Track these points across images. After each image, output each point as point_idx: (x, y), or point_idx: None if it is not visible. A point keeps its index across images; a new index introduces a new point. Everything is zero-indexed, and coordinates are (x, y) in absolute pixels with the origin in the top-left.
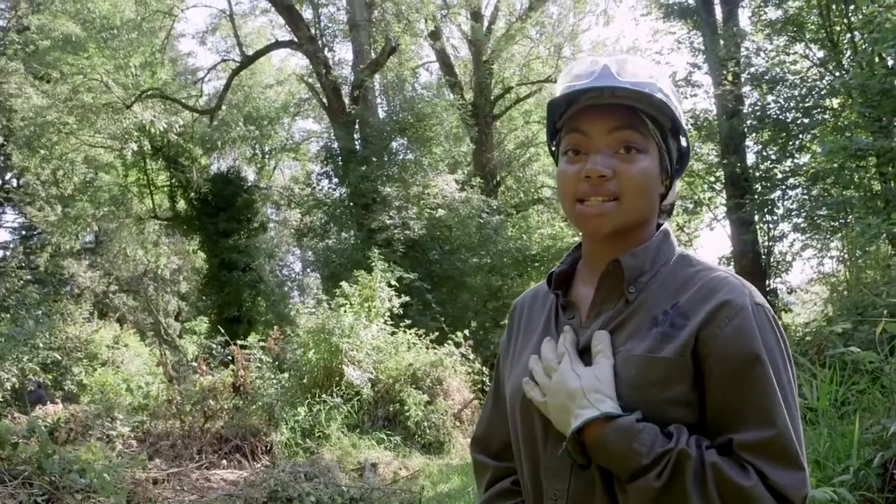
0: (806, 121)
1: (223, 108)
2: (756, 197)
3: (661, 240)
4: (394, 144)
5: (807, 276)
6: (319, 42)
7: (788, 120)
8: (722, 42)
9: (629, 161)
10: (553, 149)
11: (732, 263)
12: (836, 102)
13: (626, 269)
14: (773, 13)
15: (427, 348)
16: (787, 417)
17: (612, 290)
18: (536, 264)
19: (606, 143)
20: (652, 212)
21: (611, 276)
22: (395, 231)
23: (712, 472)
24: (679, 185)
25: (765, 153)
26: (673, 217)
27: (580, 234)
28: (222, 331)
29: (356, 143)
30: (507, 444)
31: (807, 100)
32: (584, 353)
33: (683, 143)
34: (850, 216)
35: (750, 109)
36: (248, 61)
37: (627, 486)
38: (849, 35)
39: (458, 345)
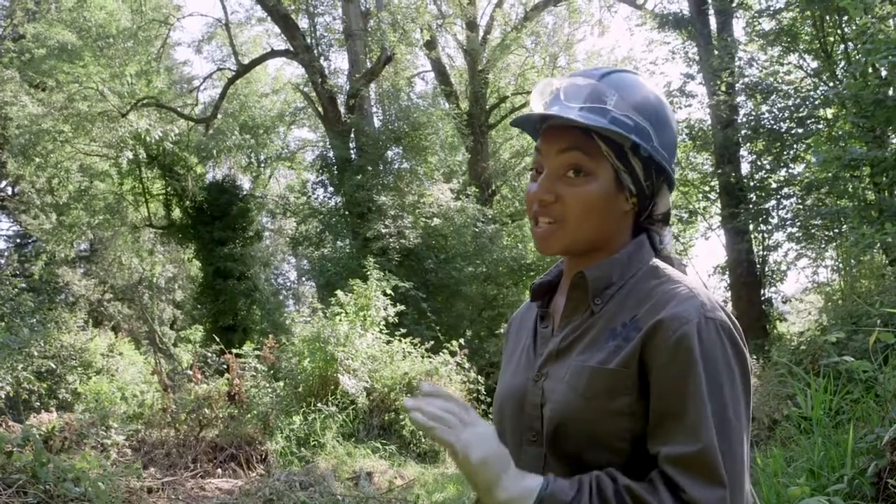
0: (800, 131)
1: (219, 116)
2: (751, 206)
3: (631, 251)
4: (389, 153)
5: (801, 286)
6: (315, 51)
7: (783, 130)
8: (716, 52)
9: (573, 185)
10: None
11: (727, 273)
12: (829, 113)
13: (589, 282)
14: (767, 24)
15: (422, 357)
16: (716, 433)
17: (580, 302)
18: (532, 273)
19: (556, 164)
20: (610, 231)
21: (578, 287)
22: (391, 240)
23: (627, 496)
24: (672, 194)
25: (759, 163)
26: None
27: None
28: (217, 339)
29: (351, 152)
30: None
31: (801, 110)
32: (549, 361)
33: (657, 157)
34: (845, 226)
35: (744, 119)
36: (243, 70)
37: None
38: (842, 46)
39: (453, 354)
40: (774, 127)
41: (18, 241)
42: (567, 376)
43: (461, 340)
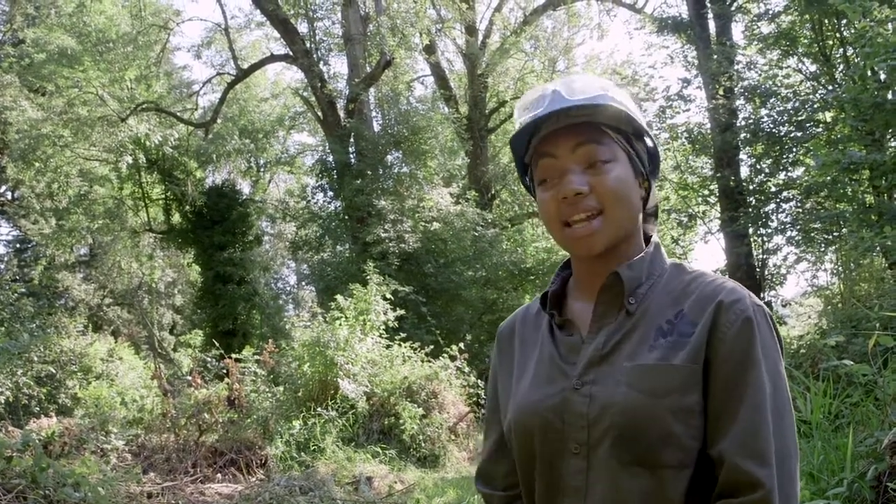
0: (799, 134)
1: (218, 121)
2: (750, 210)
3: (653, 252)
4: (389, 158)
5: (801, 289)
6: (314, 56)
7: (782, 133)
8: (715, 56)
9: (601, 173)
10: (528, 184)
11: (726, 276)
12: (828, 116)
13: (625, 281)
14: (766, 28)
15: (422, 361)
16: (773, 428)
17: (612, 304)
18: (531, 277)
19: (575, 161)
20: (637, 219)
21: (610, 289)
22: (391, 244)
23: None
24: (659, 189)
25: (758, 166)
26: (668, 230)
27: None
28: (217, 344)
29: (351, 156)
30: (511, 472)
31: (800, 113)
32: (592, 367)
33: (650, 143)
34: (844, 229)
35: (743, 123)
36: (243, 75)
37: None
38: (841, 49)
39: (453, 358)
40: (773, 130)
41: (18, 245)
42: (625, 378)
43: (461, 345)
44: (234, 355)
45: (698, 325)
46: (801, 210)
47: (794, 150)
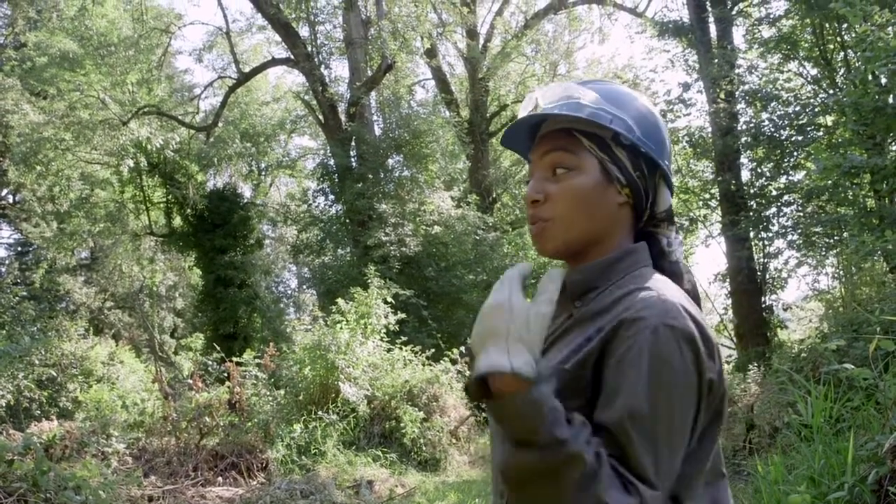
0: (800, 138)
1: (219, 124)
2: (751, 214)
3: (618, 256)
4: (390, 161)
5: (802, 293)
6: (316, 59)
7: (783, 137)
8: (716, 60)
9: (559, 181)
10: None
11: (728, 280)
12: (829, 120)
13: (568, 285)
14: (767, 31)
15: (423, 365)
16: (649, 429)
17: (564, 307)
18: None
19: (541, 168)
20: (604, 225)
21: (563, 291)
22: (391, 248)
23: (593, 486)
24: (669, 193)
25: (759, 170)
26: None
27: None
28: (218, 347)
29: (352, 160)
30: None
31: (801, 117)
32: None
33: (640, 146)
34: (845, 233)
35: (744, 127)
36: (244, 78)
37: (510, 449)
38: (842, 53)
39: (454, 361)
40: (774, 134)
41: (19, 249)
42: None
43: (462, 348)
44: (234, 359)
45: (604, 332)
46: (802, 214)
47: (795, 153)
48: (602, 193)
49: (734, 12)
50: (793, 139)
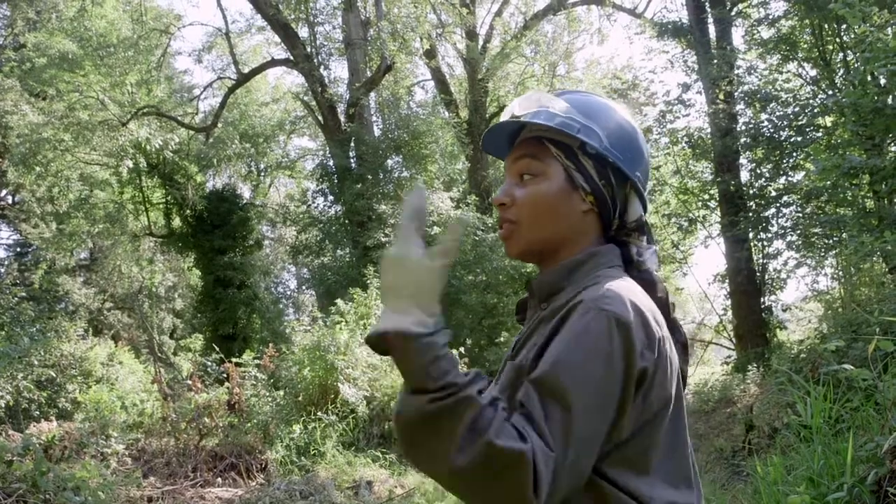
0: (799, 139)
1: (219, 125)
2: (750, 215)
3: (582, 259)
4: (389, 162)
5: (801, 294)
6: (315, 60)
7: (782, 138)
8: (715, 61)
9: (524, 186)
10: None
11: (727, 281)
12: (829, 121)
13: (534, 287)
14: (766, 32)
15: None
16: (558, 395)
17: (534, 308)
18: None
19: (511, 173)
20: (570, 230)
21: (531, 294)
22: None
23: (484, 430)
24: (641, 204)
25: (759, 171)
26: (668, 235)
27: None
28: (217, 348)
29: (351, 160)
30: None
31: (800, 118)
32: (504, 365)
33: (608, 155)
34: (844, 234)
35: (743, 127)
36: (243, 79)
37: (404, 395)
38: (841, 54)
39: None
40: (774, 135)
41: (18, 249)
42: (504, 375)
43: (461, 349)
44: (234, 359)
45: (552, 323)
46: (801, 215)
47: (795, 154)
48: (566, 200)
49: (733, 13)
50: (792, 140)
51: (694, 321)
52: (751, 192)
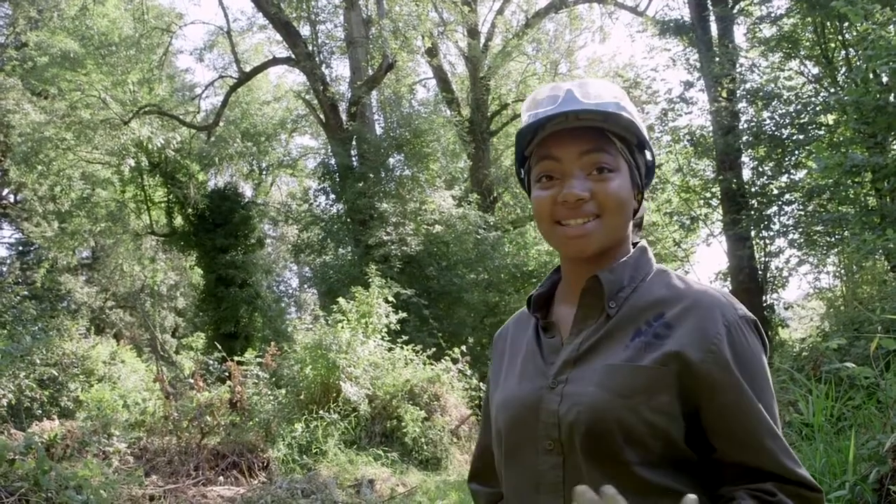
0: (801, 137)
1: (220, 124)
2: (752, 213)
3: (637, 255)
4: (391, 161)
5: (803, 292)
6: (317, 59)
7: (784, 136)
8: (717, 59)
9: (603, 181)
10: (522, 176)
11: (729, 279)
12: (831, 119)
13: (605, 285)
14: (768, 30)
15: (424, 364)
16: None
17: (593, 306)
18: (533, 280)
19: (579, 167)
20: (627, 228)
21: (590, 292)
22: (393, 247)
23: None
24: (645, 200)
25: (761, 169)
26: (670, 233)
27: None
28: (219, 347)
29: (353, 159)
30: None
31: (802, 116)
32: (567, 367)
33: (649, 156)
34: (846, 232)
35: (745, 126)
36: (245, 78)
37: None
38: (843, 52)
39: (455, 361)
40: (776, 133)
41: (21, 248)
42: (596, 378)
43: (463, 348)
44: (236, 358)
45: (676, 330)
46: (803, 213)
47: (797, 152)
48: (630, 197)
49: (735, 11)
50: (794, 138)
51: None
52: (753, 190)
